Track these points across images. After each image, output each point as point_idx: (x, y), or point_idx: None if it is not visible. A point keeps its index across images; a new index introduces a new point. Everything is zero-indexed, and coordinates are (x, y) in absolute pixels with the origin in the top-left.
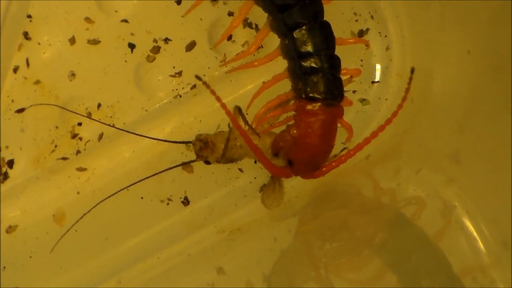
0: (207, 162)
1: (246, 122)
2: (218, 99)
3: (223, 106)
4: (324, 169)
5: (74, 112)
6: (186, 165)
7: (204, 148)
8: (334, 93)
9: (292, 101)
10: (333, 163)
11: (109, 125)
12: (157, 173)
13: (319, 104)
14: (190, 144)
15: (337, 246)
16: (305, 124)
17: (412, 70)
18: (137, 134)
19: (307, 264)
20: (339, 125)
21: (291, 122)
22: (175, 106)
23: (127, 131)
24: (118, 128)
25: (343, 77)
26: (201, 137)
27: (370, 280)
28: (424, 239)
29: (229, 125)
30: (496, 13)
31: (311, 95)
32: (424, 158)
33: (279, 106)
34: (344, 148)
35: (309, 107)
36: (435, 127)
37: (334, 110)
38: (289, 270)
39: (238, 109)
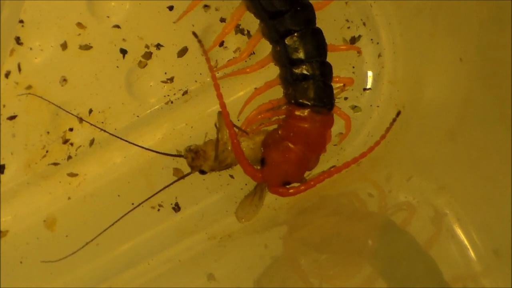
0: (202, 172)
1: (233, 124)
2: (214, 78)
3: (216, 87)
4: (292, 190)
5: (69, 112)
6: (178, 172)
7: (196, 158)
8: (324, 101)
9: (284, 107)
10: (302, 187)
11: (102, 129)
12: (156, 193)
13: (308, 110)
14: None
15: (328, 256)
16: (290, 127)
17: (398, 113)
18: (129, 142)
19: (298, 272)
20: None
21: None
22: (167, 112)
23: (119, 138)
24: (110, 133)
25: (336, 85)
26: (191, 148)
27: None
28: (414, 247)
29: (215, 125)
30: (488, 21)
31: (300, 100)
32: (415, 165)
33: (270, 110)
34: (333, 166)
35: (297, 112)
36: (427, 134)
37: (323, 118)
38: (280, 277)
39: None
